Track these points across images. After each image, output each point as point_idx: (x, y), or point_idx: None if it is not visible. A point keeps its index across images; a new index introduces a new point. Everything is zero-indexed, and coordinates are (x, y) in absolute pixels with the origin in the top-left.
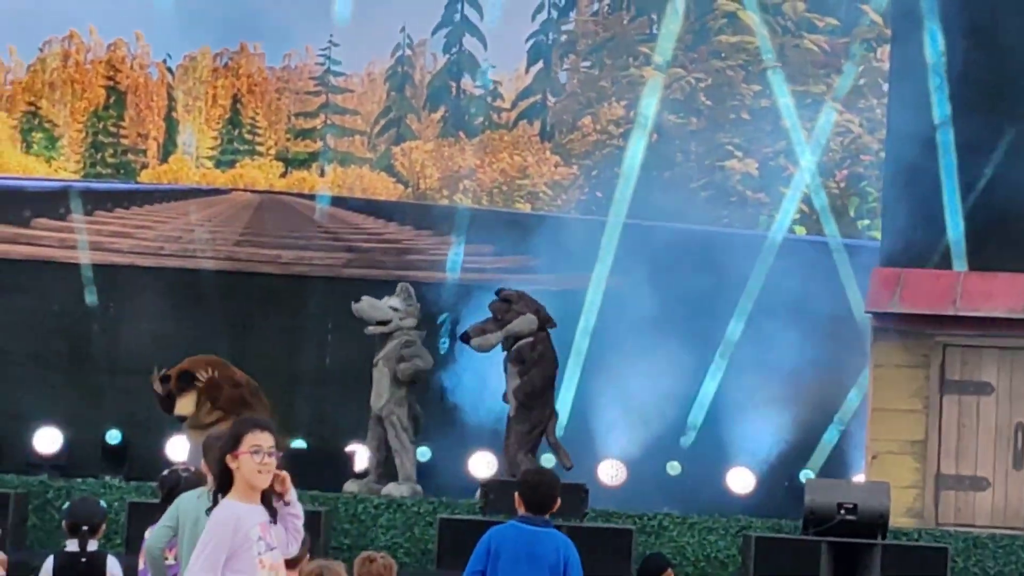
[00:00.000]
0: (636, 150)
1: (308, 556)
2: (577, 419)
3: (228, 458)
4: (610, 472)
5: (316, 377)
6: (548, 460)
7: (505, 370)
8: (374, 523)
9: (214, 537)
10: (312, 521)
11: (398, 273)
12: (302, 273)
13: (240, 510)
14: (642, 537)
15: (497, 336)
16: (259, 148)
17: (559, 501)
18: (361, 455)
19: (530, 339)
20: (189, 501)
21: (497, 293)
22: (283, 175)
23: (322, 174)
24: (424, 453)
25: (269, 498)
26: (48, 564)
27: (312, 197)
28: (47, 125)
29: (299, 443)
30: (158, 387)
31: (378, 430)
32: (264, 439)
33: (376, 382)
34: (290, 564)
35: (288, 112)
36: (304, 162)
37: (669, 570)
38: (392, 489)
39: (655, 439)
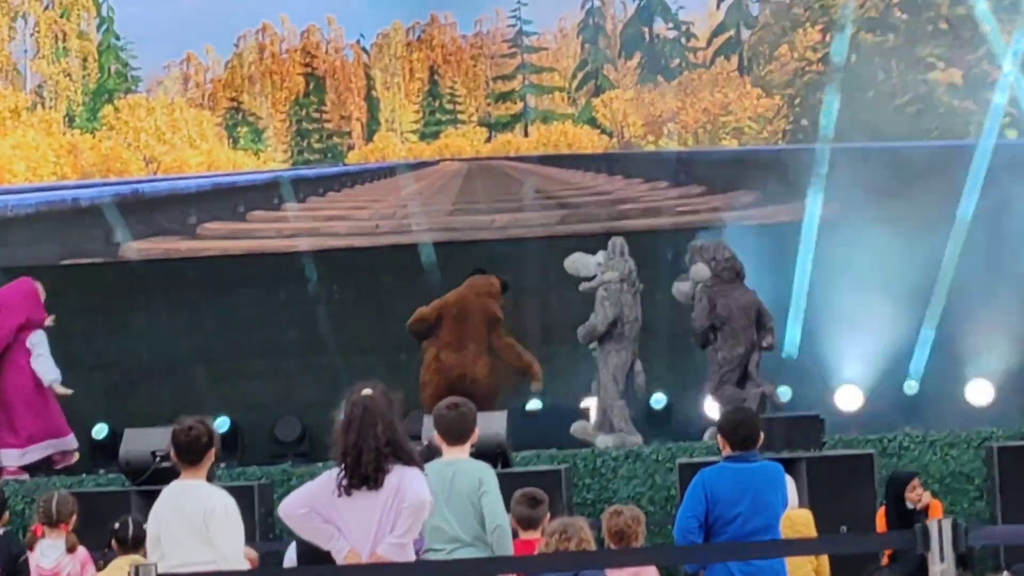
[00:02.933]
0: (836, 73)
1: (548, 515)
2: (808, 350)
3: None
4: (847, 398)
5: (544, 336)
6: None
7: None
8: (614, 475)
9: None
10: (553, 479)
11: (612, 225)
12: (518, 235)
13: None
14: (883, 460)
15: (687, 284)
16: (461, 116)
17: (762, 435)
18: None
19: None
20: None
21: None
22: (487, 140)
23: (526, 134)
24: (659, 400)
25: None
26: (291, 551)
27: (519, 159)
28: (251, 119)
29: (534, 403)
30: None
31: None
32: None
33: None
34: (531, 525)
35: (486, 77)
36: (507, 125)
37: (915, 479)
38: (600, 440)
39: (889, 360)
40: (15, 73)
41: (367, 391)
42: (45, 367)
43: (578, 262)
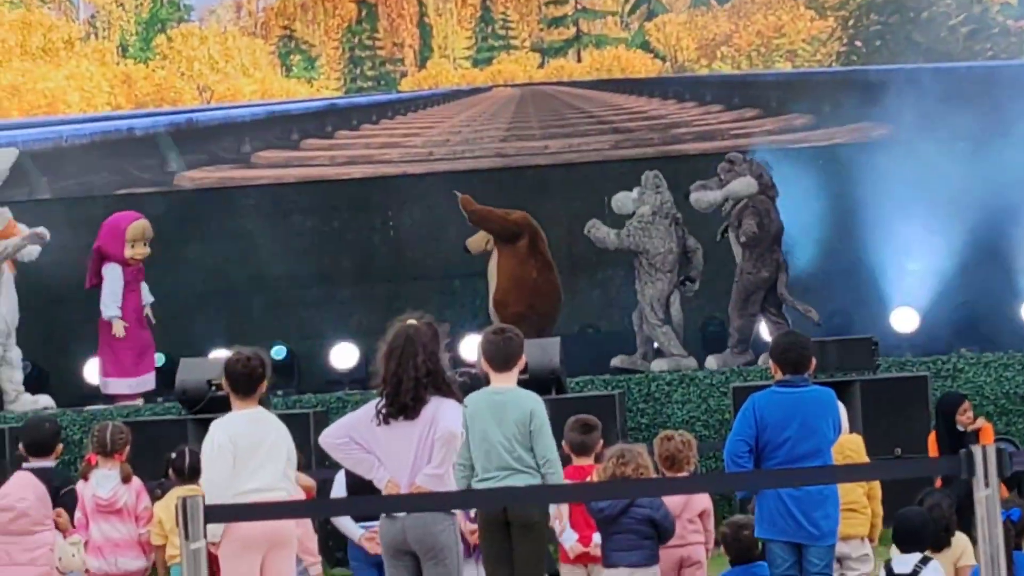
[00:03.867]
0: None
1: (601, 442)
2: (864, 272)
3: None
4: (902, 320)
5: (598, 261)
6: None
7: (726, 232)
8: (668, 399)
9: None
10: (607, 404)
11: (666, 149)
12: (571, 161)
13: None
14: (937, 382)
15: (715, 195)
16: (513, 42)
17: (814, 360)
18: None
19: (744, 201)
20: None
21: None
22: (540, 66)
23: (579, 59)
24: (714, 322)
25: None
26: (339, 479)
27: (572, 84)
28: (304, 47)
29: (589, 329)
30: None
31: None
32: None
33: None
34: (584, 451)
35: (538, 2)
36: (560, 50)
37: (966, 402)
38: (655, 364)
39: (944, 282)
40: (68, 4)
41: (411, 320)
42: (104, 303)
43: (618, 200)
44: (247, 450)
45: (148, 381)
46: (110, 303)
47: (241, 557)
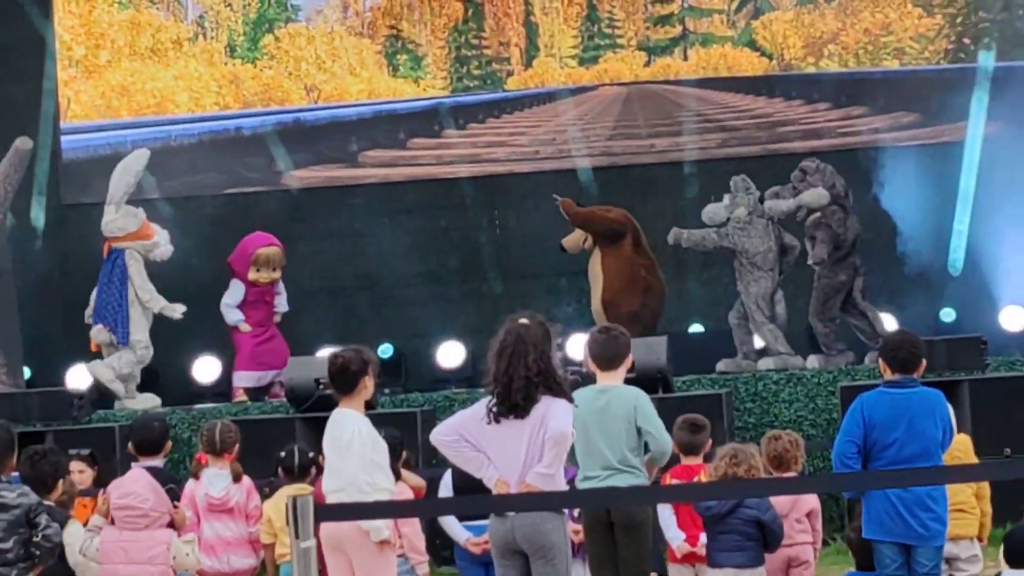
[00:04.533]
0: None
1: (710, 442)
2: (972, 271)
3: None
4: (1011, 319)
5: (704, 260)
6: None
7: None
8: (776, 399)
9: None
10: (714, 403)
11: (772, 147)
12: (678, 159)
13: None
14: None
15: (789, 203)
16: (619, 41)
17: (924, 360)
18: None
19: (817, 214)
20: (579, 401)
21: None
22: (646, 64)
23: (685, 58)
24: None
25: None
26: (447, 478)
27: (679, 83)
28: (410, 46)
29: (697, 326)
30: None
31: (740, 309)
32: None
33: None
34: (693, 450)
35: (644, 1)
36: (666, 48)
37: None
38: (761, 363)
39: None
40: (176, 4)
41: (523, 320)
42: (224, 312)
43: (711, 212)
44: (327, 451)
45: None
46: (228, 313)
47: (328, 556)
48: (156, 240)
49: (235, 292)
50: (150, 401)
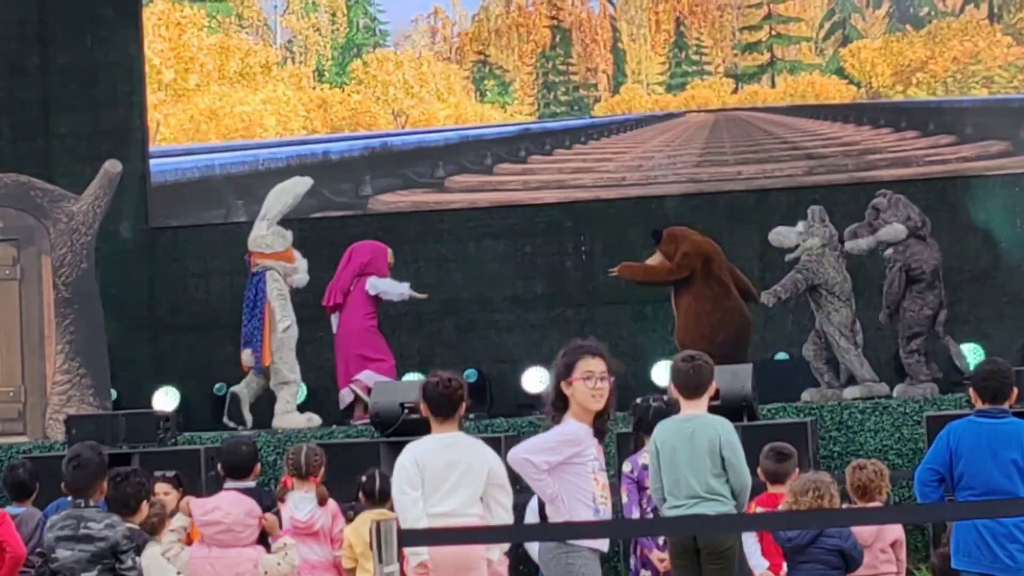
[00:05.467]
0: None
1: (796, 471)
2: None
3: (563, 384)
4: None
5: None
6: None
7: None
8: (861, 428)
9: (555, 440)
10: (799, 431)
11: (860, 175)
12: (765, 186)
13: (580, 430)
14: None
15: (868, 241)
16: (707, 68)
17: (1015, 390)
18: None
19: (890, 249)
20: (664, 430)
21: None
22: (734, 91)
23: (773, 85)
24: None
25: (603, 420)
26: (533, 504)
27: (766, 110)
28: (497, 72)
29: (782, 355)
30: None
31: (815, 341)
32: (596, 365)
33: (811, 302)
34: (779, 479)
35: (732, 28)
36: (754, 76)
37: None
38: (847, 392)
39: None
40: (266, 29)
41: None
42: (392, 288)
43: (780, 234)
44: (436, 472)
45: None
46: (395, 286)
47: None
48: (296, 266)
49: (382, 280)
50: (312, 420)
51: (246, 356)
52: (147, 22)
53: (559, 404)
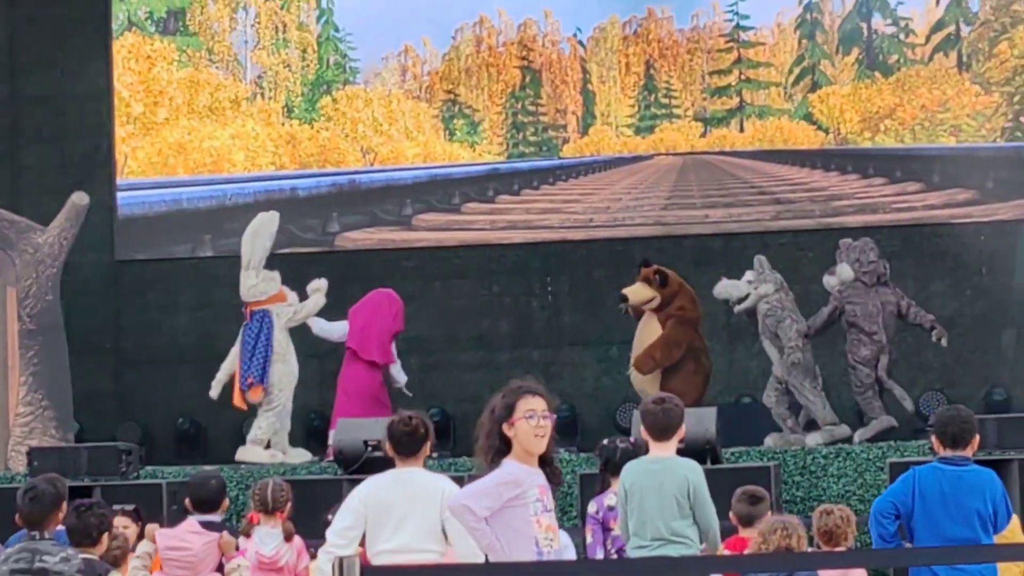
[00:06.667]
0: None
1: (769, 514)
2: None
3: (504, 426)
4: None
5: (755, 331)
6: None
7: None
8: (824, 472)
9: (493, 483)
10: (762, 476)
11: (827, 221)
12: (732, 230)
13: (520, 472)
14: None
15: (825, 280)
16: (676, 111)
17: (977, 436)
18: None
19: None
20: (632, 471)
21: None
22: (703, 135)
23: (741, 129)
24: None
25: (553, 468)
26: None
27: (734, 154)
28: (467, 111)
29: (744, 399)
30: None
31: (775, 385)
32: (537, 403)
33: (767, 350)
34: (750, 522)
35: (702, 72)
36: (722, 120)
37: None
38: (809, 438)
39: None
40: (236, 64)
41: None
42: (334, 329)
43: (727, 287)
44: (381, 509)
45: None
46: (340, 329)
47: None
48: (290, 302)
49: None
50: (302, 456)
51: (255, 394)
52: (117, 55)
53: (500, 447)
